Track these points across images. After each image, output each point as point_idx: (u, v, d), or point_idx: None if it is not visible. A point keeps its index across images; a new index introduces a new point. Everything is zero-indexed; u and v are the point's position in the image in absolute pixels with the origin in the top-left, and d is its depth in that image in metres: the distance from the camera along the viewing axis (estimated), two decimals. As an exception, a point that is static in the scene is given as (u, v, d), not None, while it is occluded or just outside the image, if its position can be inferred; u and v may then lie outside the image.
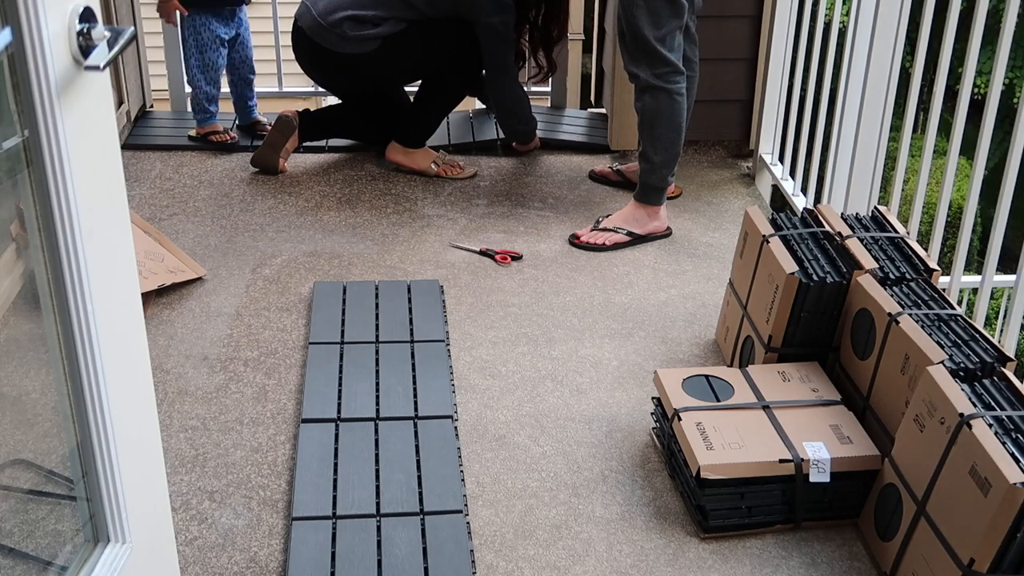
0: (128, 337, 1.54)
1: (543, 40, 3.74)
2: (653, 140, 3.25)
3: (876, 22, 2.91)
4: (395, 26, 3.50)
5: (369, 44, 3.50)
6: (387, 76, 3.65)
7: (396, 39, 3.50)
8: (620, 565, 2.10)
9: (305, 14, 3.57)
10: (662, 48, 3.13)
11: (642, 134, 3.31)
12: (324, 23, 3.50)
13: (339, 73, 3.64)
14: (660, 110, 3.20)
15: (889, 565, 2.06)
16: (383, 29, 3.50)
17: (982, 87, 8.66)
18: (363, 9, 3.49)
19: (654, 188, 3.30)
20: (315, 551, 2.07)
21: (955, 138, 2.74)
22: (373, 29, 3.49)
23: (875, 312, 2.29)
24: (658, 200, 3.32)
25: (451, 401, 2.51)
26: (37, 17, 1.25)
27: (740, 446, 2.17)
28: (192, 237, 3.27)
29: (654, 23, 3.11)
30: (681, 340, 2.84)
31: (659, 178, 3.28)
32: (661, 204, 3.33)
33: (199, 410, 2.50)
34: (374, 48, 3.50)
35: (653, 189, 3.30)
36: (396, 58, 3.53)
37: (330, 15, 3.50)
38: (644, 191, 3.31)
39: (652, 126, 3.25)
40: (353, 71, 3.58)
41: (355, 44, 3.49)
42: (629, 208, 3.34)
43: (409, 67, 3.63)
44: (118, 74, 3.87)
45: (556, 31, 3.75)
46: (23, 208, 1.40)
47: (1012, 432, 1.89)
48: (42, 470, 1.79)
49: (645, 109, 3.24)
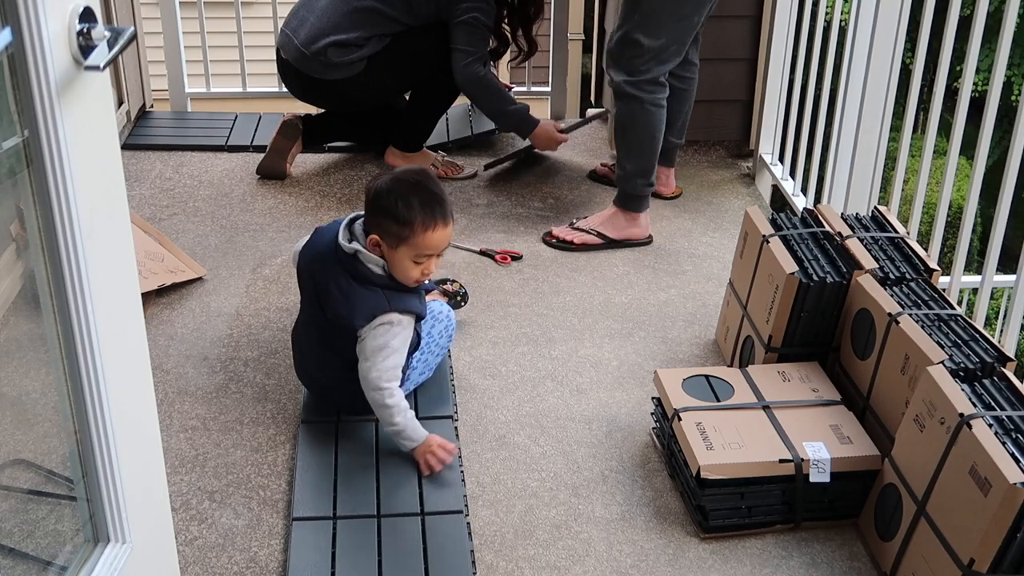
0: (128, 337, 1.54)
1: (521, 20, 3.69)
2: (625, 148, 3.23)
3: (876, 22, 2.91)
4: (379, 43, 3.46)
5: (356, 67, 3.46)
6: (379, 93, 3.62)
7: (382, 56, 3.47)
8: (620, 565, 2.10)
9: (287, 44, 3.51)
10: (649, 57, 3.07)
11: (615, 140, 3.29)
12: (308, 52, 3.45)
13: (331, 97, 3.62)
14: (633, 118, 3.17)
15: (889, 565, 2.06)
16: (367, 50, 3.45)
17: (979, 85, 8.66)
18: (345, 32, 3.44)
19: (629, 195, 3.27)
20: (315, 551, 2.07)
21: (955, 138, 2.74)
22: (358, 51, 3.45)
23: (875, 312, 2.29)
24: (636, 207, 3.27)
25: (451, 401, 2.51)
26: (37, 17, 1.25)
27: (740, 446, 2.17)
28: (192, 237, 3.27)
29: (649, 31, 3.05)
30: (681, 340, 2.84)
31: (632, 186, 3.24)
32: (640, 211, 3.28)
33: (199, 410, 2.50)
34: (361, 69, 3.47)
35: (628, 196, 3.27)
36: (385, 74, 3.51)
37: (313, 44, 3.44)
38: (620, 197, 3.29)
39: (623, 133, 3.23)
40: (344, 94, 3.56)
41: (342, 70, 3.46)
42: (607, 211, 3.31)
43: (399, 80, 3.60)
44: (118, 74, 3.87)
45: (533, 9, 3.68)
46: (23, 208, 1.40)
47: (1012, 432, 1.89)
48: (42, 470, 1.80)
49: (619, 115, 3.21)
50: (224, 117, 4.13)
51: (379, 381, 2.22)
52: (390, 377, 2.23)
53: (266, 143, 3.73)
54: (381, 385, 2.22)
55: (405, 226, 2.21)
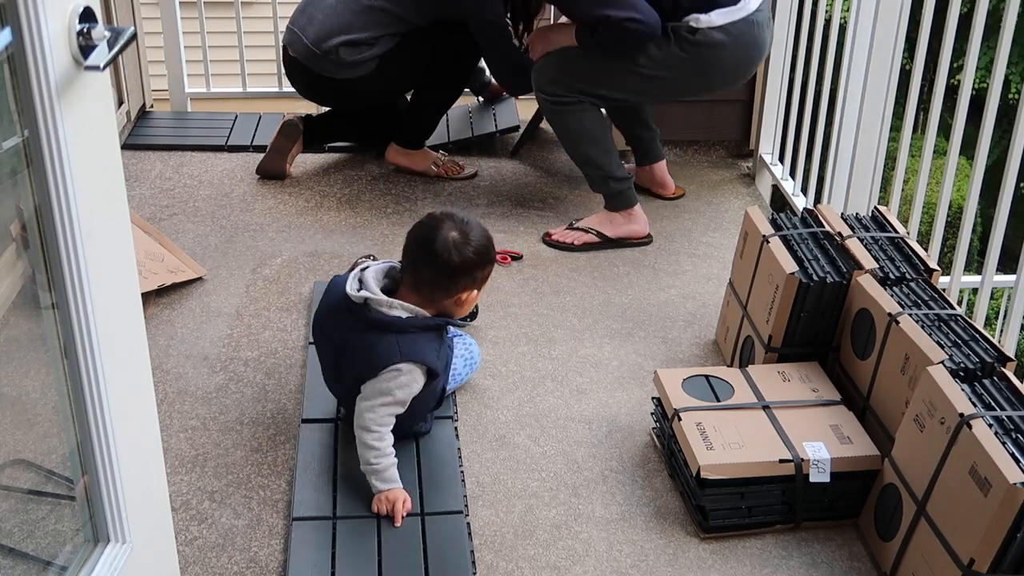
0: (128, 337, 1.55)
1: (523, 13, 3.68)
2: (577, 157, 3.26)
3: (876, 21, 2.91)
4: (390, 43, 3.45)
5: (367, 66, 3.46)
6: (386, 91, 3.62)
7: (391, 55, 3.46)
8: (620, 565, 2.10)
9: (296, 42, 3.48)
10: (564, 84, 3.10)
11: (568, 154, 3.32)
12: (319, 51, 3.42)
13: (338, 95, 3.62)
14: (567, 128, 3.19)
15: (889, 565, 2.06)
16: (378, 49, 3.44)
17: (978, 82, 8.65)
18: (357, 32, 3.42)
19: (610, 197, 3.28)
20: (315, 551, 2.07)
21: (955, 138, 2.74)
22: (369, 50, 3.43)
23: (875, 312, 2.29)
24: (623, 203, 3.27)
25: (451, 401, 2.51)
26: (37, 17, 1.25)
27: (740, 446, 2.17)
28: (192, 237, 3.27)
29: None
30: (681, 340, 2.84)
31: (607, 187, 3.25)
32: (631, 205, 3.28)
33: (199, 410, 2.50)
34: (371, 69, 3.47)
35: (610, 198, 3.28)
36: (394, 73, 3.51)
37: (324, 42, 3.42)
38: (605, 200, 3.30)
39: (568, 146, 3.26)
40: (352, 93, 3.55)
41: (353, 69, 3.45)
42: (602, 212, 3.32)
43: (407, 79, 3.60)
44: (118, 74, 3.87)
45: (534, 3, 3.68)
46: (23, 208, 1.40)
47: (1012, 432, 1.89)
48: (42, 470, 1.80)
49: (555, 131, 3.27)
50: (224, 117, 4.13)
51: (371, 424, 2.17)
52: (384, 423, 2.18)
53: (266, 143, 3.73)
54: (372, 428, 2.17)
55: (486, 265, 2.28)
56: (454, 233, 2.22)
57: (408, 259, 2.28)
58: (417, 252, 2.25)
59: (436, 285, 2.24)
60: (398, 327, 2.19)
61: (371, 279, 2.25)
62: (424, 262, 2.23)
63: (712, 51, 3.00)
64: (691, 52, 3.00)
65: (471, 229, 2.25)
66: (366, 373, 2.19)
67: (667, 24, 2.98)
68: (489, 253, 2.28)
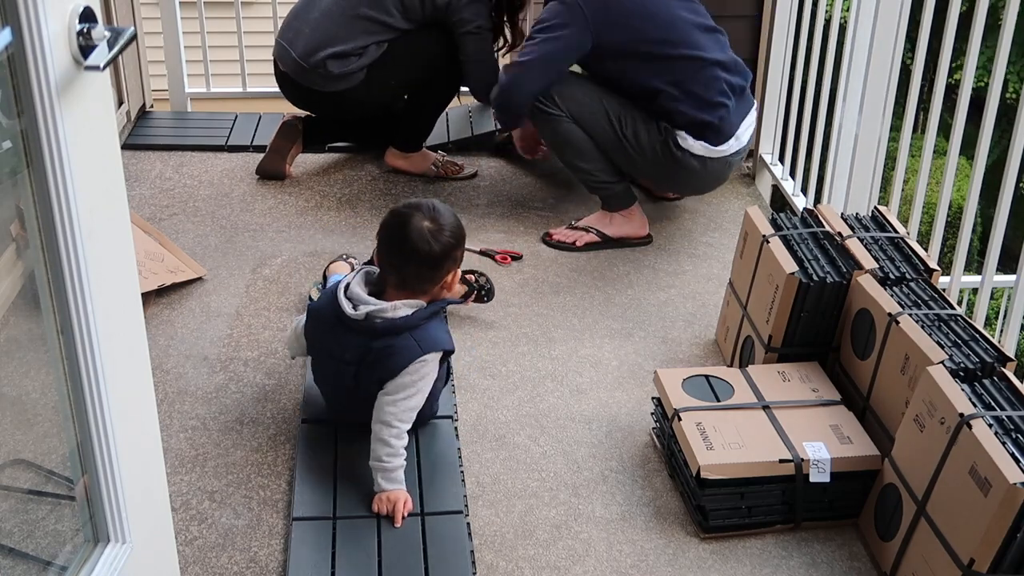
0: (128, 337, 1.55)
1: (508, 9, 3.67)
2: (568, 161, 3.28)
3: (876, 21, 2.91)
4: (377, 51, 3.44)
5: (356, 77, 3.45)
6: (379, 99, 3.61)
7: (380, 63, 3.46)
8: (620, 565, 2.10)
9: (285, 56, 3.49)
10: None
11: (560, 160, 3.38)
12: (307, 65, 3.43)
13: (331, 106, 3.61)
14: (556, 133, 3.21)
15: (889, 565, 2.06)
16: (366, 58, 3.44)
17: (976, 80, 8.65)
18: (343, 43, 3.41)
19: (607, 198, 3.29)
20: (315, 551, 2.07)
21: (955, 138, 2.74)
22: (357, 61, 3.43)
23: (875, 312, 2.29)
24: (619, 204, 3.28)
25: (451, 401, 2.51)
26: (37, 17, 1.25)
27: (740, 446, 2.17)
28: (192, 237, 3.27)
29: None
30: (681, 340, 2.84)
31: (603, 188, 3.27)
32: (628, 205, 3.29)
33: (199, 410, 2.50)
34: (361, 79, 3.47)
35: (607, 199, 3.29)
36: (384, 81, 3.50)
37: (311, 56, 3.42)
38: (602, 202, 3.32)
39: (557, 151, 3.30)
40: (344, 103, 3.55)
41: (343, 81, 3.44)
42: (601, 214, 3.33)
43: (399, 85, 3.59)
44: (118, 74, 3.87)
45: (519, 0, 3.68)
46: (23, 208, 1.40)
47: (1012, 432, 1.89)
48: (42, 470, 1.80)
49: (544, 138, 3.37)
50: (224, 117, 4.13)
51: (393, 419, 2.18)
52: (405, 418, 2.20)
53: (266, 143, 3.73)
54: (393, 423, 2.18)
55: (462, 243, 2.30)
56: (426, 222, 2.24)
57: (386, 261, 2.28)
58: (395, 253, 2.26)
59: (423, 278, 2.26)
60: (409, 325, 2.21)
61: (360, 292, 2.25)
62: (405, 260, 2.25)
63: (684, 171, 3.18)
64: (668, 160, 3.15)
65: (439, 213, 2.27)
66: (389, 375, 2.21)
67: (663, 124, 3.12)
68: (462, 229, 2.32)
